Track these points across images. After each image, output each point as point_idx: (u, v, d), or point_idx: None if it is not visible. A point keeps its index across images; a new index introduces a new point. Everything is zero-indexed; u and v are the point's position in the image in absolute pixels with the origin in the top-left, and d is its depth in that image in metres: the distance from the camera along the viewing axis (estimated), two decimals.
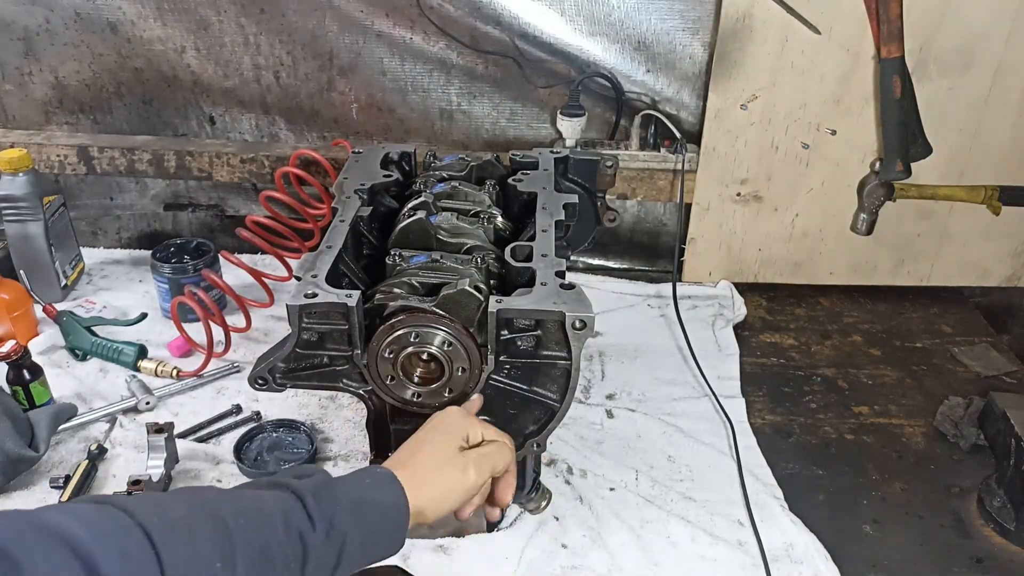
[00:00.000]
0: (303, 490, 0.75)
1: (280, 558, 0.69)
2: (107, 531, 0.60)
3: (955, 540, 1.19)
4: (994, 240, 1.73)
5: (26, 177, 1.53)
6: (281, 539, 0.70)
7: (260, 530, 0.69)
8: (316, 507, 0.74)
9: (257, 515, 0.70)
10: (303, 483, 0.76)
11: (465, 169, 1.30)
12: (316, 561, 0.72)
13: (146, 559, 0.61)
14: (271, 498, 0.73)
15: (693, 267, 1.79)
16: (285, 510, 0.72)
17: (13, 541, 0.56)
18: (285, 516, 0.71)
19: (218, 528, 0.66)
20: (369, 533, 0.77)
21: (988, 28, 1.52)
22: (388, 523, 0.80)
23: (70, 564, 0.57)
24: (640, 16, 1.65)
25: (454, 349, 0.97)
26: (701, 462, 1.30)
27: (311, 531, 0.72)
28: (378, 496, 0.80)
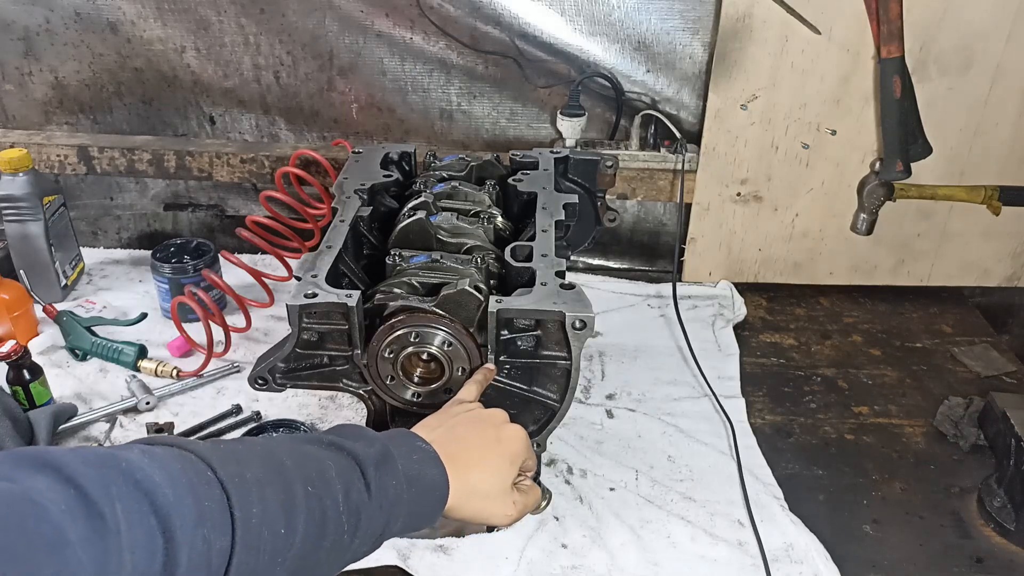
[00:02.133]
0: (365, 461, 0.75)
1: (334, 526, 0.70)
2: (188, 488, 0.60)
3: (955, 540, 1.19)
4: (994, 240, 1.73)
5: (26, 177, 1.53)
6: (340, 509, 0.71)
7: (322, 498, 0.70)
8: (376, 479, 0.74)
9: (321, 482, 0.70)
10: (365, 452, 0.76)
11: (465, 169, 1.31)
12: (364, 531, 0.73)
13: (221, 521, 0.61)
14: (335, 464, 0.73)
15: (693, 267, 1.79)
16: (347, 480, 0.73)
17: (102, 493, 0.55)
18: (346, 487, 0.72)
19: (288, 492, 0.67)
20: (414, 510, 0.79)
21: (988, 28, 1.52)
22: (430, 503, 0.81)
23: (148, 523, 0.57)
24: (640, 16, 1.65)
25: (454, 349, 0.97)
26: (701, 462, 1.30)
27: (367, 503, 0.73)
28: (427, 473, 0.81)
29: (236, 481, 0.63)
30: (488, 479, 0.86)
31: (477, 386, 0.98)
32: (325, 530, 0.69)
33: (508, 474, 0.88)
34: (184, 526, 0.58)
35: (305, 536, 0.67)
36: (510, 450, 0.89)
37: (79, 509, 0.54)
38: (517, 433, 0.92)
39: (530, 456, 0.93)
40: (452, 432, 0.88)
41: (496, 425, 0.91)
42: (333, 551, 0.71)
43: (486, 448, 0.88)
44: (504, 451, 0.89)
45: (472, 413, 0.92)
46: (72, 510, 0.53)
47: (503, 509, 0.88)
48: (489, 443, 0.89)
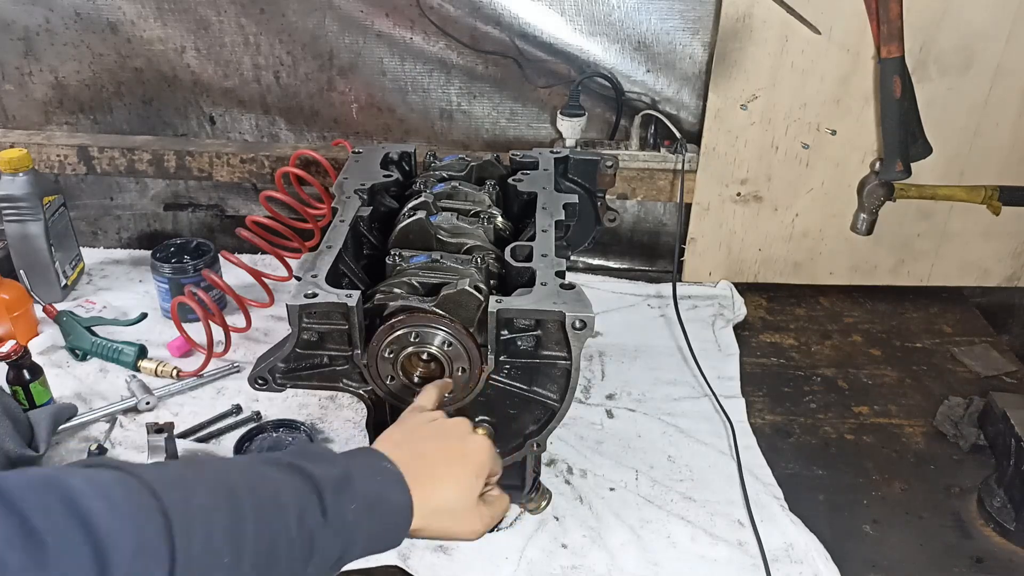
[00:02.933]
0: (324, 484, 0.73)
1: (286, 552, 0.68)
2: (129, 516, 0.59)
3: (955, 540, 1.19)
4: (994, 240, 1.73)
5: (26, 177, 1.53)
6: (292, 535, 0.69)
7: (273, 523, 0.68)
8: (333, 503, 0.72)
9: (273, 507, 0.68)
10: (324, 474, 0.74)
11: (465, 169, 1.30)
12: (321, 556, 0.71)
13: (160, 554, 0.60)
14: (289, 487, 0.71)
15: (693, 267, 1.79)
16: (301, 504, 0.70)
17: (43, 521, 0.55)
18: (300, 511, 0.70)
19: (236, 519, 0.65)
20: (374, 533, 0.77)
21: (988, 28, 1.52)
22: (393, 525, 0.79)
23: (83, 553, 0.56)
24: (640, 16, 1.65)
25: (454, 349, 0.97)
26: (701, 462, 1.30)
27: (322, 527, 0.71)
28: (389, 496, 0.79)
29: (180, 509, 0.62)
30: (454, 496, 0.84)
31: (437, 391, 0.96)
32: (276, 556, 0.67)
33: (474, 488, 0.86)
34: (121, 557, 0.57)
35: (255, 564, 0.65)
36: (475, 463, 0.87)
37: (18, 538, 0.53)
38: (482, 444, 0.89)
39: (495, 464, 0.91)
40: (416, 448, 0.86)
41: (460, 438, 0.89)
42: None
43: (451, 464, 0.86)
44: (469, 465, 0.87)
45: (435, 425, 0.90)
46: (11, 539, 0.53)
47: (470, 525, 0.86)
48: (454, 458, 0.86)
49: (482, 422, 1.03)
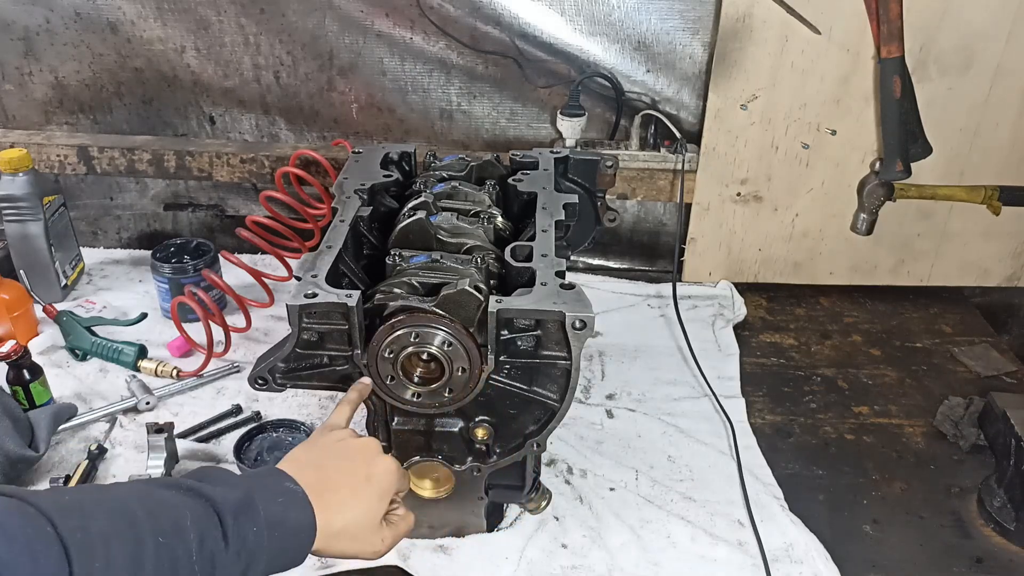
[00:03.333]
0: (224, 507, 0.73)
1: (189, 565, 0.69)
2: (24, 545, 0.59)
3: (955, 540, 1.19)
4: (994, 240, 1.73)
5: (26, 177, 1.53)
6: (192, 559, 0.69)
7: (174, 548, 0.68)
8: (234, 527, 0.72)
9: (174, 532, 0.69)
10: (225, 498, 0.74)
11: (465, 169, 1.30)
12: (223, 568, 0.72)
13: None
14: (191, 512, 0.71)
15: (693, 267, 1.79)
16: (202, 529, 0.71)
17: None
18: (201, 536, 0.70)
19: (136, 545, 0.65)
20: (276, 553, 0.77)
21: (988, 28, 1.52)
22: (294, 546, 0.79)
23: None
24: (640, 16, 1.65)
25: (454, 349, 0.97)
26: (701, 462, 1.30)
27: (223, 551, 0.71)
28: (291, 517, 0.79)
29: (78, 536, 0.62)
30: (356, 519, 0.85)
31: (350, 407, 0.98)
32: None
33: (377, 511, 0.87)
34: None
35: None
36: (380, 487, 0.88)
37: None
38: (388, 467, 0.90)
39: (402, 483, 0.92)
40: (321, 471, 0.86)
41: (366, 460, 0.90)
42: None
43: (355, 487, 0.86)
44: (373, 489, 0.88)
45: (343, 445, 0.91)
46: None
47: (371, 546, 0.87)
48: (359, 482, 0.87)
49: (482, 422, 1.04)
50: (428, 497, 1.10)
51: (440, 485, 1.10)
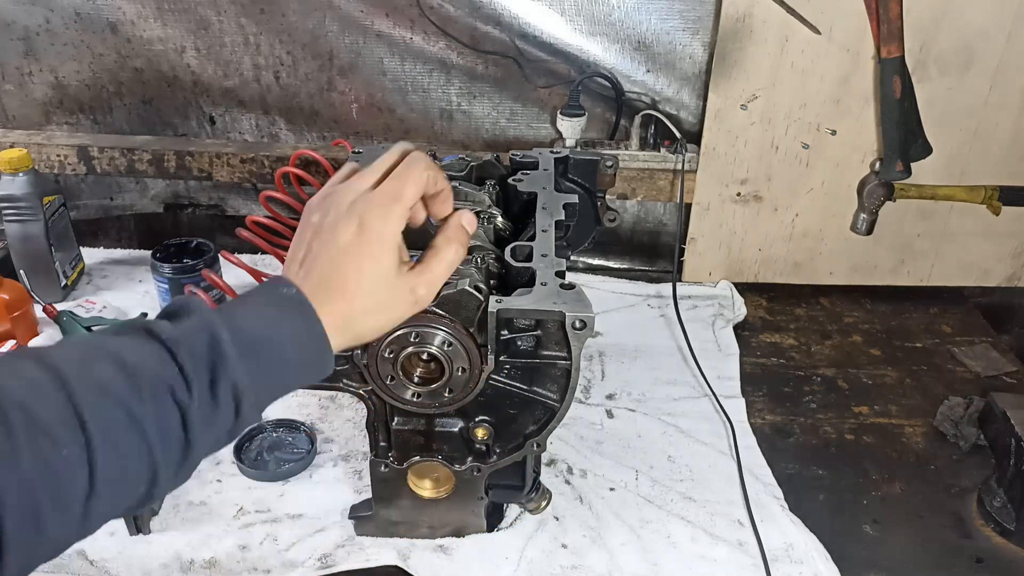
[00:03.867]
0: (176, 341, 0.63)
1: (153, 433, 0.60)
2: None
3: (955, 540, 1.19)
4: (994, 240, 1.73)
5: (26, 177, 1.53)
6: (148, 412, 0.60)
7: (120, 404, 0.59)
8: (190, 361, 0.62)
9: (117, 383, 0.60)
10: (178, 329, 0.64)
11: (465, 169, 1.30)
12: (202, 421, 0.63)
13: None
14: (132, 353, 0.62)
15: (693, 267, 1.79)
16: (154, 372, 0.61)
17: None
18: (153, 382, 0.60)
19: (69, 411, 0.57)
20: (281, 372, 0.69)
21: (988, 28, 1.52)
22: (303, 356, 0.70)
23: None
24: (640, 16, 1.65)
25: (454, 349, 0.97)
26: (701, 462, 1.30)
27: (187, 393, 0.62)
28: (283, 330, 0.69)
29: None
30: (366, 289, 0.73)
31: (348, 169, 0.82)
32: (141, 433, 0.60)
33: (383, 264, 0.74)
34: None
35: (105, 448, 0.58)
36: (373, 232, 0.74)
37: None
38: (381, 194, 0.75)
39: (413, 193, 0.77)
40: (309, 252, 0.75)
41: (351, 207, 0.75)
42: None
43: (345, 252, 0.73)
44: (366, 239, 0.73)
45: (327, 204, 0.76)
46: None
47: (402, 307, 0.76)
48: (349, 243, 0.73)
49: (482, 422, 1.04)
50: (428, 497, 1.10)
51: (440, 485, 1.10)
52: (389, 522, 1.13)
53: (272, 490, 1.21)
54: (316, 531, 1.14)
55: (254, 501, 1.19)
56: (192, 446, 0.63)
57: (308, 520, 1.16)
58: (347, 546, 1.12)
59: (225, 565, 1.08)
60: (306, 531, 1.14)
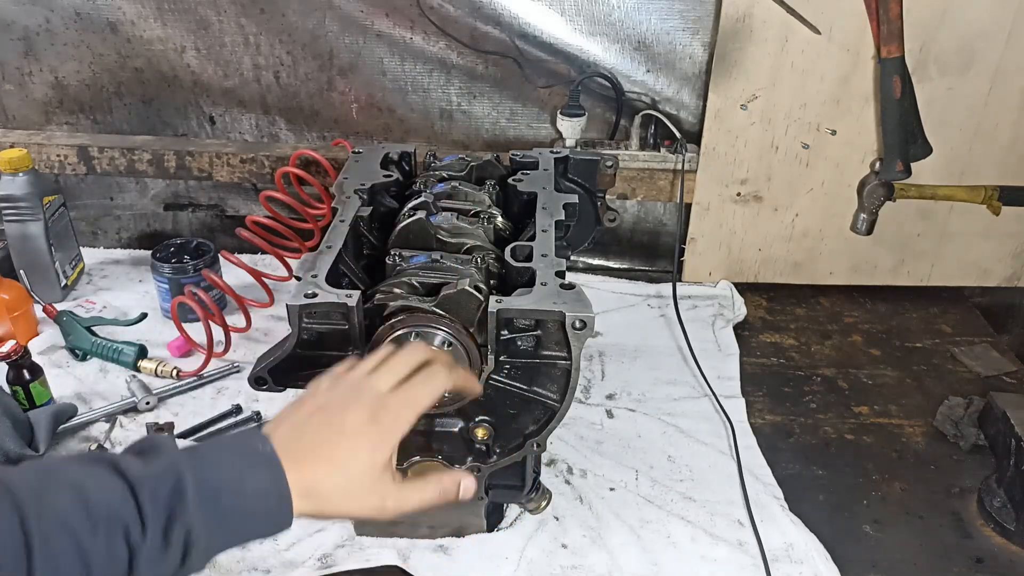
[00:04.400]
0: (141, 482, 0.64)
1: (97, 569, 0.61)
2: None
3: (955, 540, 1.19)
4: (994, 240, 1.73)
5: (26, 177, 1.53)
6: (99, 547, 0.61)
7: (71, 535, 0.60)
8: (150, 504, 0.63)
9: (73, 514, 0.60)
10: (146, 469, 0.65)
11: (465, 169, 1.30)
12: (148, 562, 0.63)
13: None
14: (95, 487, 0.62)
15: (693, 267, 1.79)
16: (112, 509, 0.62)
17: None
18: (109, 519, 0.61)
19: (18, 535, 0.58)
20: (237, 524, 0.69)
21: (988, 28, 1.52)
22: (264, 511, 0.70)
23: None
24: (640, 16, 1.65)
25: (454, 349, 0.97)
26: (701, 462, 1.30)
27: (140, 534, 0.62)
28: (250, 483, 0.69)
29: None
30: (345, 471, 0.74)
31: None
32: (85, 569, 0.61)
33: (371, 460, 0.75)
34: None
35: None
36: (373, 434, 0.76)
37: None
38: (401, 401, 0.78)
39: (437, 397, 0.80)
40: (302, 422, 0.77)
41: (367, 399, 0.78)
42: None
43: (341, 434, 0.75)
44: (366, 437, 0.75)
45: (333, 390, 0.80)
46: None
47: (368, 504, 0.76)
48: (350, 427, 0.75)
49: (482, 422, 1.04)
50: None
51: None
52: (389, 522, 1.13)
53: None
54: (316, 531, 1.14)
55: None
56: None
57: (308, 520, 1.16)
58: (347, 546, 1.12)
59: (225, 565, 1.08)
60: (306, 531, 1.14)
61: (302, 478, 0.72)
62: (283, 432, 0.76)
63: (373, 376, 0.82)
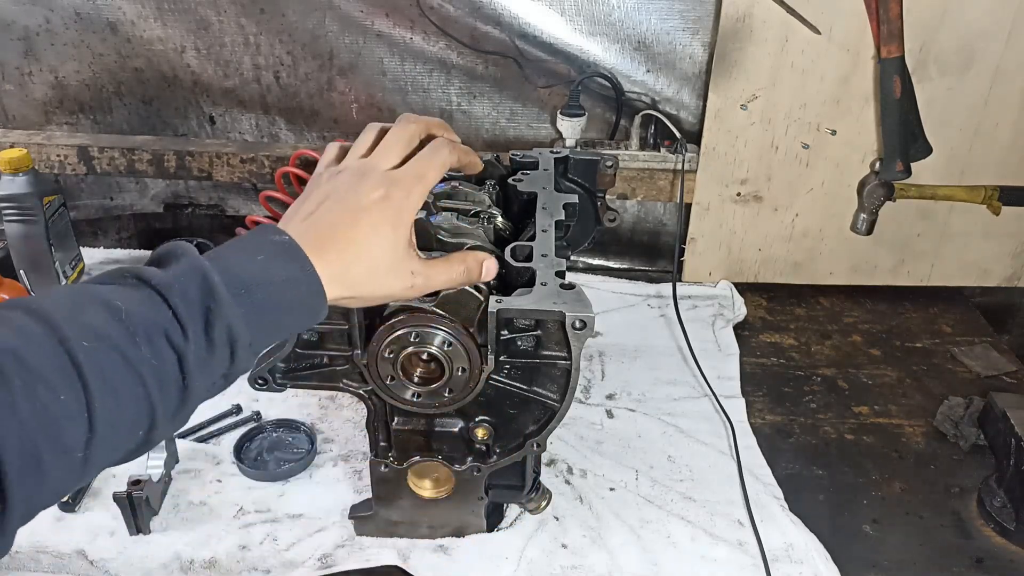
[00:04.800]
0: (168, 285, 0.63)
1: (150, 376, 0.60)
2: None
3: (955, 540, 1.19)
4: (994, 240, 1.73)
5: (26, 177, 1.53)
6: (144, 356, 0.59)
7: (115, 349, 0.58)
8: (183, 305, 0.62)
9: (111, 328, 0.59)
10: (168, 274, 0.64)
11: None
12: (198, 365, 0.63)
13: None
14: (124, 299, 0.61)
15: (693, 267, 1.79)
16: (148, 317, 0.61)
17: None
18: (147, 327, 0.60)
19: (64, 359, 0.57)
20: (274, 315, 0.68)
21: (988, 28, 1.52)
22: (298, 300, 0.70)
23: None
24: (640, 16, 1.65)
25: (454, 349, 0.97)
26: (701, 462, 1.30)
27: (182, 336, 0.62)
28: (276, 272, 0.69)
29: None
30: (369, 252, 0.74)
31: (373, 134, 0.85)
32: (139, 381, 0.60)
33: (393, 237, 0.75)
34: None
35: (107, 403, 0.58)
36: (389, 210, 0.75)
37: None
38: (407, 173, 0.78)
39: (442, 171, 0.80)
40: (315, 211, 0.76)
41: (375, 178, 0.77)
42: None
43: (357, 215, 0.74)
44: (383, 213, 0.75)
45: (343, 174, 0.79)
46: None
47: (398, 283, 0.77)
48: (363, 207, 0.75)
49: (482, 422, 1.04)
50: (428, 497, 1.10)
51: (440, 485, 1.10)
52: (389, 522, 1.13)
53: (272, 490, 1.21)
54: (316, 531, 1.14)
55: (254, 501, 1.19)
56: (189, 390, 0.63)
57: (308, 520, 1.16)
58: (347, 546, 1.12)
59: (225, 565, 1.09)
60: (306, 531, 1.14)
61: (328, 264, 0.71)
62: (297, 224, 0.75)
63: (373, 157, 0.81)
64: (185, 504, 1.18)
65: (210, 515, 1.16)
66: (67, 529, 1.12)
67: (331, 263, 0.72)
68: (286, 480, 1.23)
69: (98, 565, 1.08)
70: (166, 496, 1.18)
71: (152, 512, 1.14)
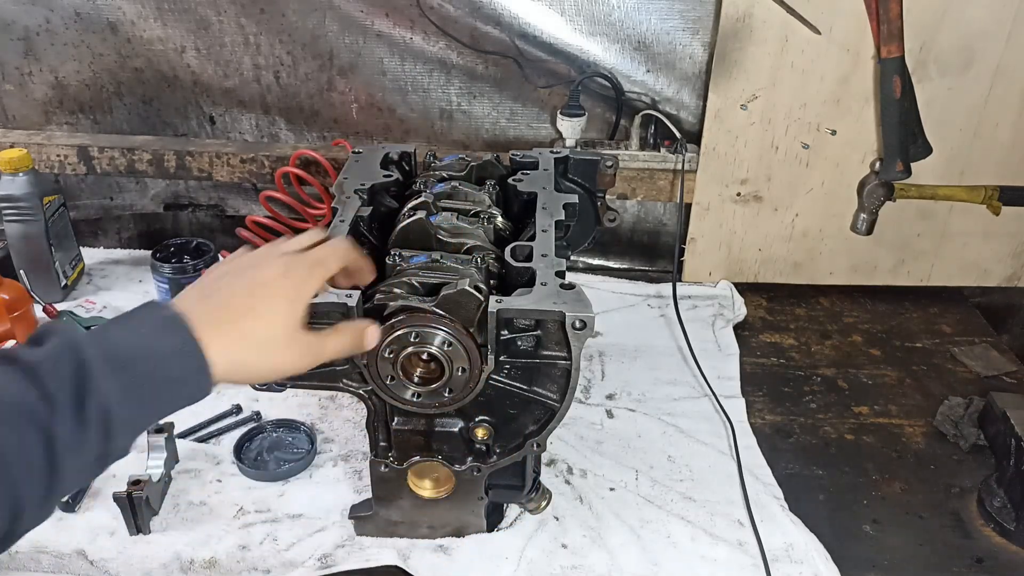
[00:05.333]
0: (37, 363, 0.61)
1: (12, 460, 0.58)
2: None
3: (955, 540, 1.19)
4: (994, 240, 1.73)
5: (26, 177, 1.53)
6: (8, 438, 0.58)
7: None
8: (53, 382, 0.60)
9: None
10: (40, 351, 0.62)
11: (465, 169, 1.30)
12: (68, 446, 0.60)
13: None
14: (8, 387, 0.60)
15: (693, 267, 1.79)
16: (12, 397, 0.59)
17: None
18: (9, 408, 0.58)
19: None
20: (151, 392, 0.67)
21: (988, 28, 1.52)
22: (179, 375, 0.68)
23: None
24: (640, 16, 1.65)
25: (454, 349, 0.97)
26: (701, 462, 1.30)
27: (49, 415, 0.60)
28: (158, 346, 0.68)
29: None
30: (265, 325, 0.74)
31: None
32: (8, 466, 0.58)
33: (292, 310, 0.76)
34: None
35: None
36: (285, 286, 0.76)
37: None
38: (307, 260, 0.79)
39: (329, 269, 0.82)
40: (209, 289, 0.75)
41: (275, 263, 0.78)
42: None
43: (251, 294, 0.75)
44: (281, 288, 0.76)
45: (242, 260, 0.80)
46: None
47: (280, 361, 0.76)
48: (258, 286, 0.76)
49: (482, 422, 1.04)
50: (428, 497, 1.10)
51: (440, 485, 1.10)
52: (389, 522, 1.13)
53: (272, 490, 1.21)
54: (316, 531, 1.14)
55: (254, 501, 1.19)
56: (58, 474, 0.60)
57: (308, 520, 1.16)
58: (347, 546, 1.12)
59: (225, 565, 1.09)
60: (306, 531, 1.14)
61: (218, 337, 0.70)
62: (190, 297, 0.75)
63: (279, 243, 0.84)
64: (185, 504, 1.18)
65: (210, 515, 1.16)
66: (67, 529, 1.12)
67: (222, 335, 0.71)
68: (286, 480, 1.23)
69: (98, 565, 1.08)
70: (166, 496, 1.19)
71: (152, 512, 1.14)
